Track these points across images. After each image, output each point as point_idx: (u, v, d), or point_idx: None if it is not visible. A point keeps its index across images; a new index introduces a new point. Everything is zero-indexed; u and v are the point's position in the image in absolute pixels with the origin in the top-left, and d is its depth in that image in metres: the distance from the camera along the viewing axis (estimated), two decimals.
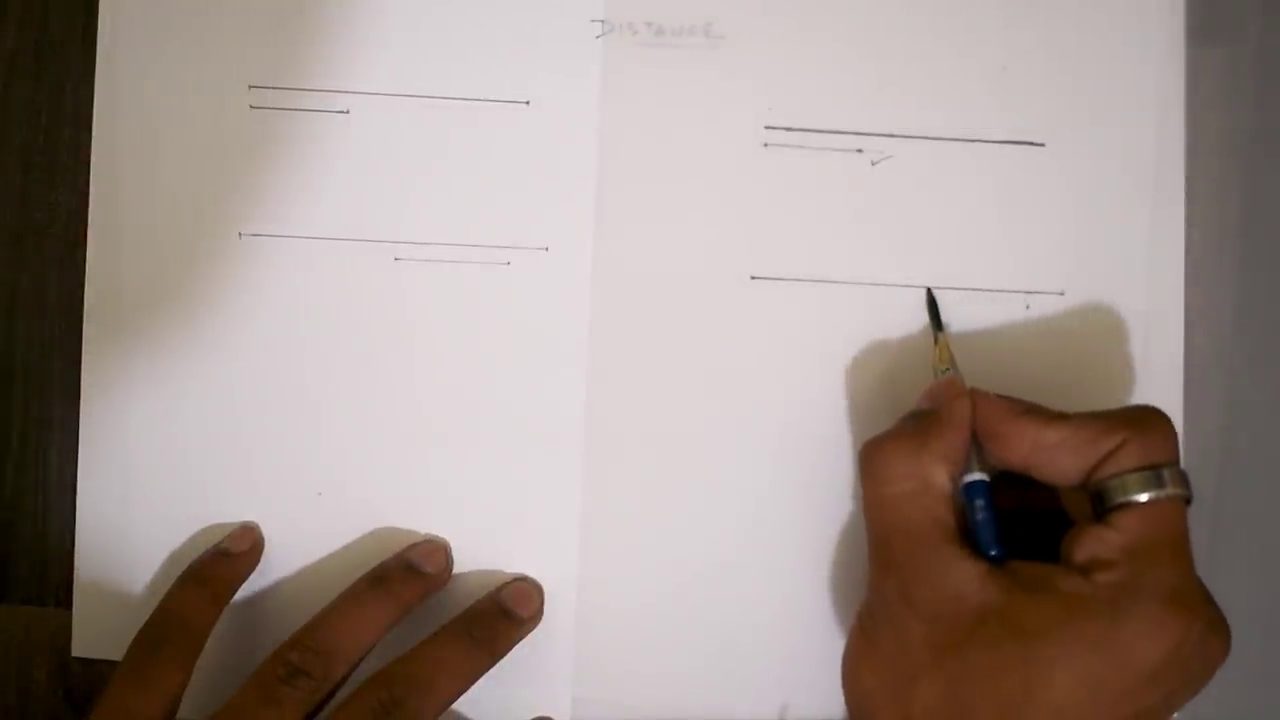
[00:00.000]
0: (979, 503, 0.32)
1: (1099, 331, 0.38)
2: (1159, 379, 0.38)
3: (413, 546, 0.36)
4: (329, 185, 0.37)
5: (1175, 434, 0.32)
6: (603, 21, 0.37)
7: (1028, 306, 0.38)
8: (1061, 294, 0.38)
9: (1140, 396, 0.37)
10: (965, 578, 0.31)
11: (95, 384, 0.37)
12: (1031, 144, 0.38)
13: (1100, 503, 0.31)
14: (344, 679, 0.34)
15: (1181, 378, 0.38)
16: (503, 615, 0.36)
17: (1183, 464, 0.32)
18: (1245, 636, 0.31)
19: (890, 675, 0.31)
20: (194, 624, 0.34)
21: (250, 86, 0.37)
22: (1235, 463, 0.38)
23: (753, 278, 0.37)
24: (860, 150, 0.38)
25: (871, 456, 0.33)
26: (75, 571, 0.37)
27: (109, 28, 0.37)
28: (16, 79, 0.38)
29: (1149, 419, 0.32)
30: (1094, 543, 0.31)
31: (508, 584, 0.37)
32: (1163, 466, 0.31)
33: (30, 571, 0.38)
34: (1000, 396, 0.33)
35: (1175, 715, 0.31)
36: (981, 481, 0.32)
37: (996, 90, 0.38)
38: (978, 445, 0.33)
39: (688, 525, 0.37)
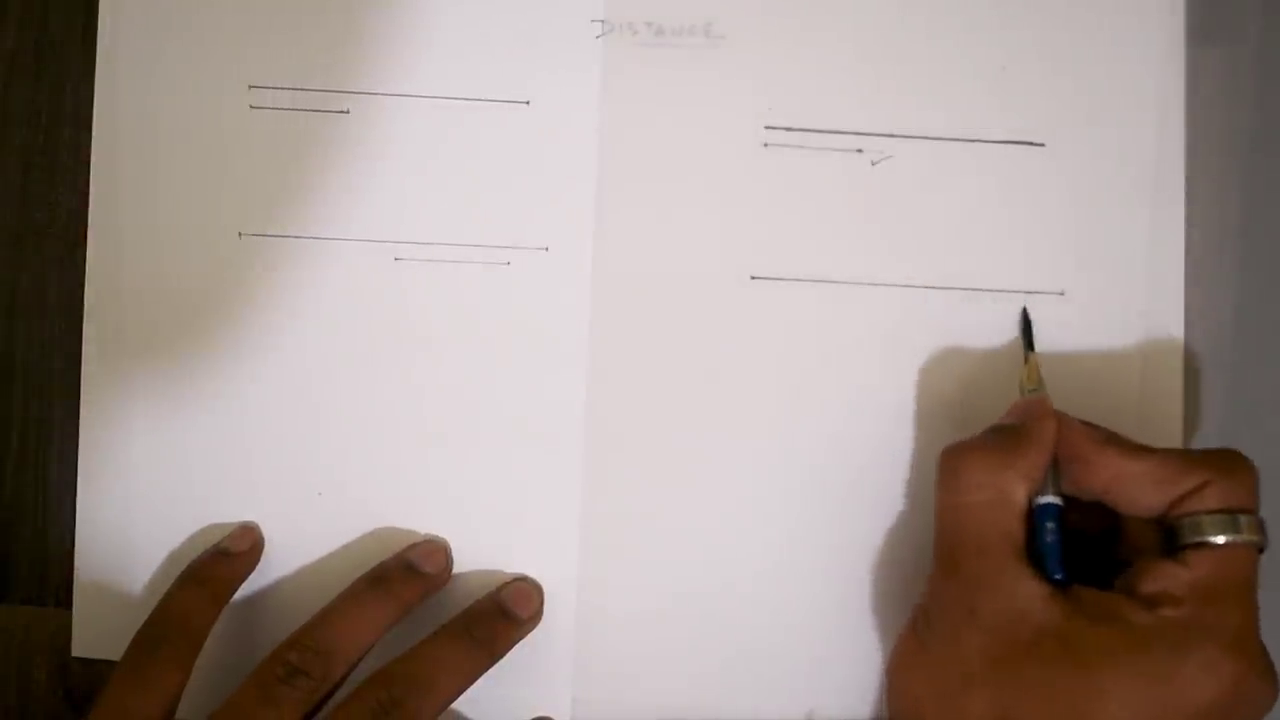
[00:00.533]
0: (1050, 525, 0.32)
1: (1099, 331, 0.37)
2: (1159, 379, 0.38)
3: (412, 546, 0.36)
4: (329, 185, 0.37)
5: (1257, 481, 0.32)
6: (603, 21, 0.37)
7: (1028, 307, 0.37)
8: (1061, 294, 0.38)
9: (1140, 397, 0.37)
10: (1030, 596, 0.31)
11: (95, 384, 0.37)
12: (1031, 144, 0.38)
13: (1173, 538, 0.31)
14: (343, 679, 0.34)
15: (1181, 378, 0.38)
16: (502, 615, 0.36)
17: (1259, 510, 0.32)
18: None
19: (942, 682, 0.31)
20: (193, 624, 0.34)
21: (250, 86, 0.37)
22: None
23: (753, 278, 0.37)
24: (860, 150, 0.38)
25: (954, 463, 0.33)
26: (75, 571, 0.37)
27: (109, 28, 0.37)
28: (16, 79, 0.38)
29: (1233, 463, 0.32)
30: (1163, 577, 0.31)
31: (507, 584, 0.37)
32: (1241, 511, 0.31)
33: (30, 571, 0.38)
34: (1085, 423, 0.33)
35: None
36: (1056, 505, 0.32)
37: (996, 90, 0.38)
38: (1055, 469, 0.33)
39: (687, 525, 0.37)
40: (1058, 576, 0.32)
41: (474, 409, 0.37)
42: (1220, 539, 0.31)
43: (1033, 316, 0.37)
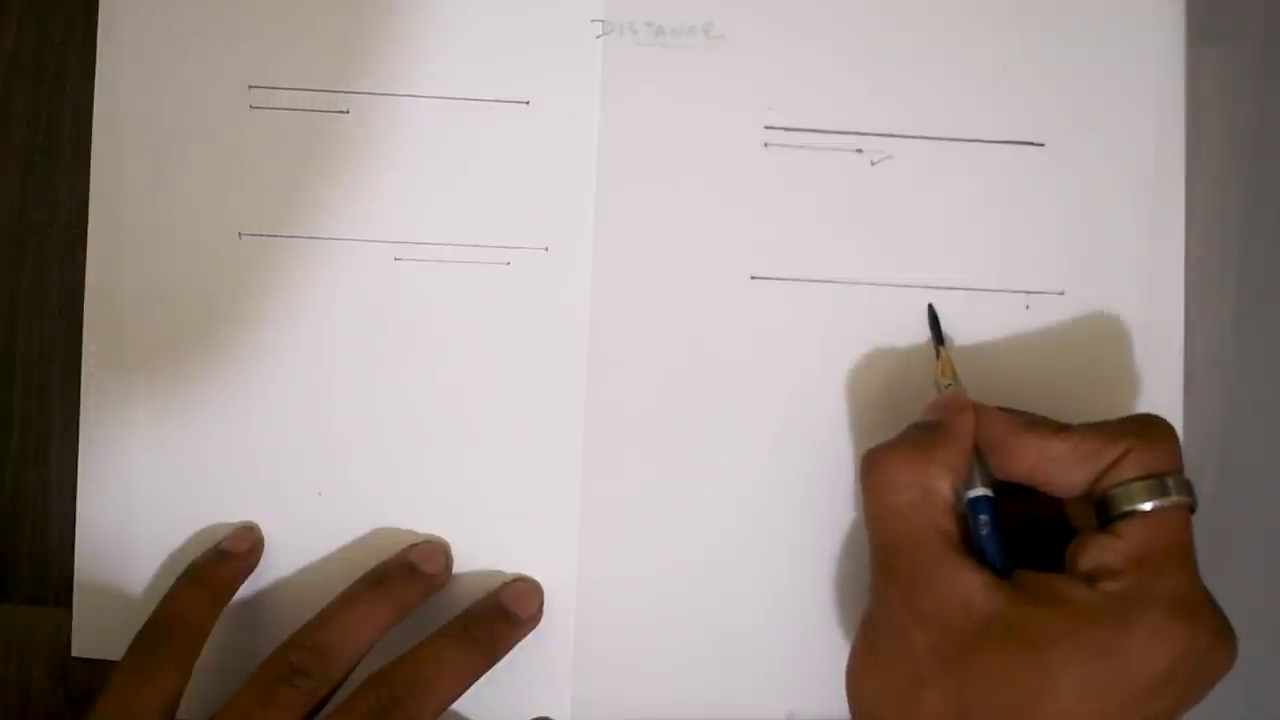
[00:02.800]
0: (983, 518, 0.32)
1: (1099, 332, 0.38)
2: (1159, 379, 0.38)
3: (412, 547, 0.36)
4: (329, 185, 0.37)
5: (1178, 442, 0.32)
6: (603, 21, 0.37)
7: (1028, 307, 0.38)
8: (1061, 294, 0.38)
9: (1140, 397, 0.37)
10: (970, 587, 0.31)
11: (95, 384, 0.37)
12: (1031, 144, 0.38)
13: (1105, 512, 0.31)
14: (343, 679, 0.34)
15: (1181, 378, 0.38)
16: (501, 616, 0.36)
17: (1183, 470, 0.32)
18: (1246, 638, 0.31)
19: (895, 684, 0.31)
20: (193, 624, 0.34)
21: (250, 86, 0.37)
22: (1235, 463, 0.38)
23: (753, 278, 0.37)
24: (860, 150, 0.38)
25: (874, 466, 0.33)
26: (75, 571, 0.37)
27: (109, 28, 0.37)
28: (16, 79, 0.38)
29: (1152, 428, 0.32)
30: (1099, 551, 0.31)
31: (507, 584, 0.37)
32: (1167, 475, 0.31)
33: (30, 571, 0.38)
34: (1003, 410, 0.33)
35: None
36: (986, 497, 0.32)
37: (996, 90, 0.38)
38: (981, 459, 0.33)
39: (687, 525, 0.37)
40: (998, 567, 0.31)
41: (474, 409, 0.37)
42: (1148, 505, 0.31)
43: (1033, 316, 0.37)
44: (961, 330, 0.37)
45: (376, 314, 0.37)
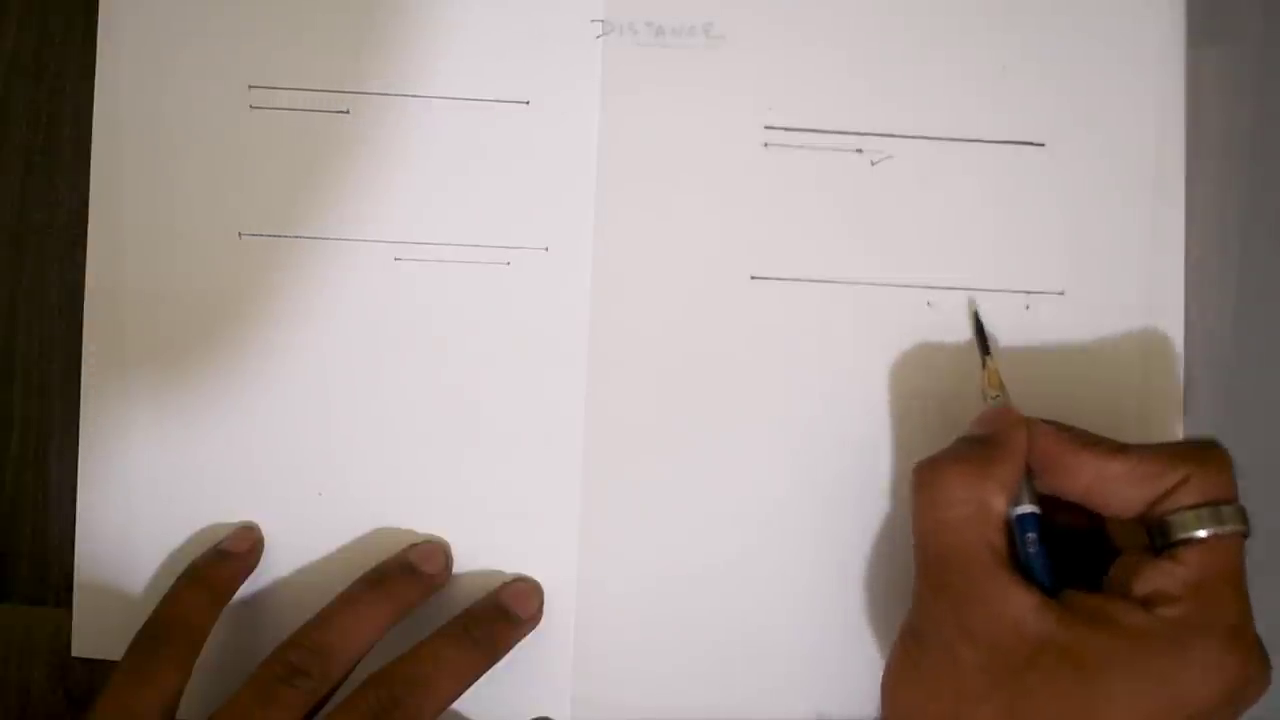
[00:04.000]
0: (1031, 536, 0.32)
1: (1099, 331, 0.38)
2: (1159, 379, 0.38)
3: (412, 547, 0.36)
4: (329, 185, 0.37)
5: (1233, 469, 0.32)
6: (603, 21, 0.37)
7: (1028, 307, 0.37)
8: (1061, 294, 0.38)
9: (1140, 396, 0.37)
10: (1022, 607, 0.30)
11: (95, 384, 0.37)
12: (1031, 144, 0.38)
13: (1160, 536, 0.31)
14: (342, 679, 0.34)
15: (1181, 378, 0.38)
16: (501, 616, 0.36)
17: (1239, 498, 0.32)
18: None
19: (939, 700, 0.31)
20: (193, 624, 0.34)
21: (250, 86, 0.37)
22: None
23: (753, 278, 0.37)
24: (860, 150, 0.38)
25: (930, 479, 0.32)
26: (75, 571, 0.37)
27: (109, 28, 0.37)
28: (16, 79, 0.38)
29: (1210, 454, 0.32)
30: (1156, 576, 0.30)
31: (507, 584, 0.37)
32: (1224, 503, 0.31)
33: (30, 571, 0.38)
34: (1058, 426, 0.33)
35: None
36: (1034, 514, 0.32)
37: (996, 91, 0.38)
38: (1029, 476, 0.32)
39: (687, 525, 0.37)
40: (1046, 585, 0.31)
41: (474, 409, 0.37)
42: (1205, 533, 0.31)
43: (1033, 316, 0.37)
44: (961, 330, 0.37)
45: (376, 314, 0.37)
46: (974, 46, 0.38)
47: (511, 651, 0.36)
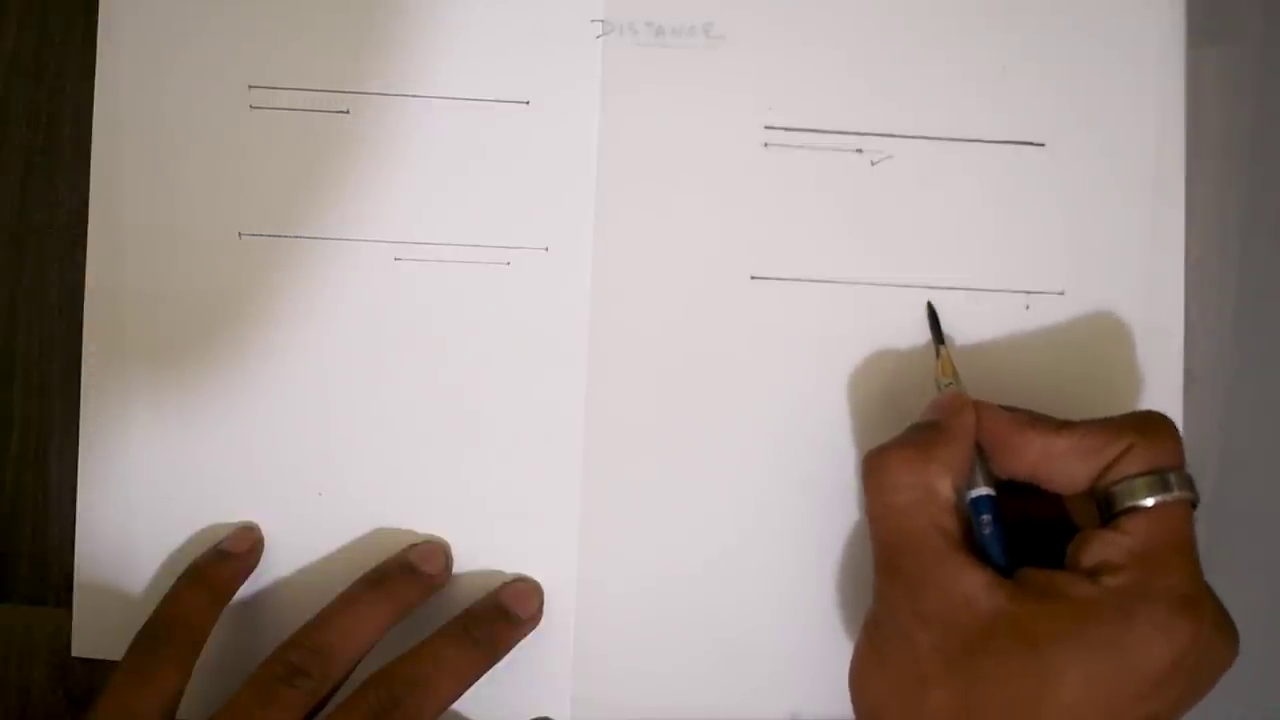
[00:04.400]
0: (985, 517, 0.32)
1: (1099, 331, 0.38)
2: (1159, 379, 0.38)
3: (412, 547, 0.36)
4: (329, 185, 0.37)
5: (1179, 438, 0.32)
6: (603, 21, 0.37)
7: (1028, 306, 0.38)
8: (1061, 294, 0.38)
9: (1140, 396, 0.37)
10: (973, 586, 0.31)
11: (95, 384, 0.37)
12: (1031, 144, 0.38)
13: (1107, 508, 0.31)
14: (343, 679, 0.34)
15: (1181, 378, 0.38)
16: (501, 616, 0.36)
17: (1185, 466, 0.32)
18: (1246, 636, 0.31)
19: (899, 685, 0.31)
20: (194, 624, 0.34)
21: (250, 86, 0.37)
22: (1235, 463, 0.38)
23: (753, 278, 0.37)
24: (860, 150, 0.38)
25: (875, 466, 0.33)
26: (75, 571, 0.37)
27: (109, 28, 0.37)
28: (16, 79, 0.38)
29: (1153, 423, 0.32)
30: (1101, 547, 0.31)
31: (507, 584, 0.37)
32: (1168, 470, 0.31)
33: (30, 571, 0.38)
34: (1004, 408, 0.33)
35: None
36: (988, 496, 0.32)
37: (996, 90, 0.38)
38: (982, 458, 0.33)
39: (687, 525, 0.37)
40: (1002, 565, 0.31)
41: (474, 409, 0.37)
42: (1150, 500, 0.31)
43: (1033, 316, 0.37)
44: (961, 330, 0.37)
45: (376, 314, 0.37)
46: (974, 46, 0.38)
47: (511, 651, 0.36)
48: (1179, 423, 0.37)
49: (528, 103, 0.37)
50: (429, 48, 0.37)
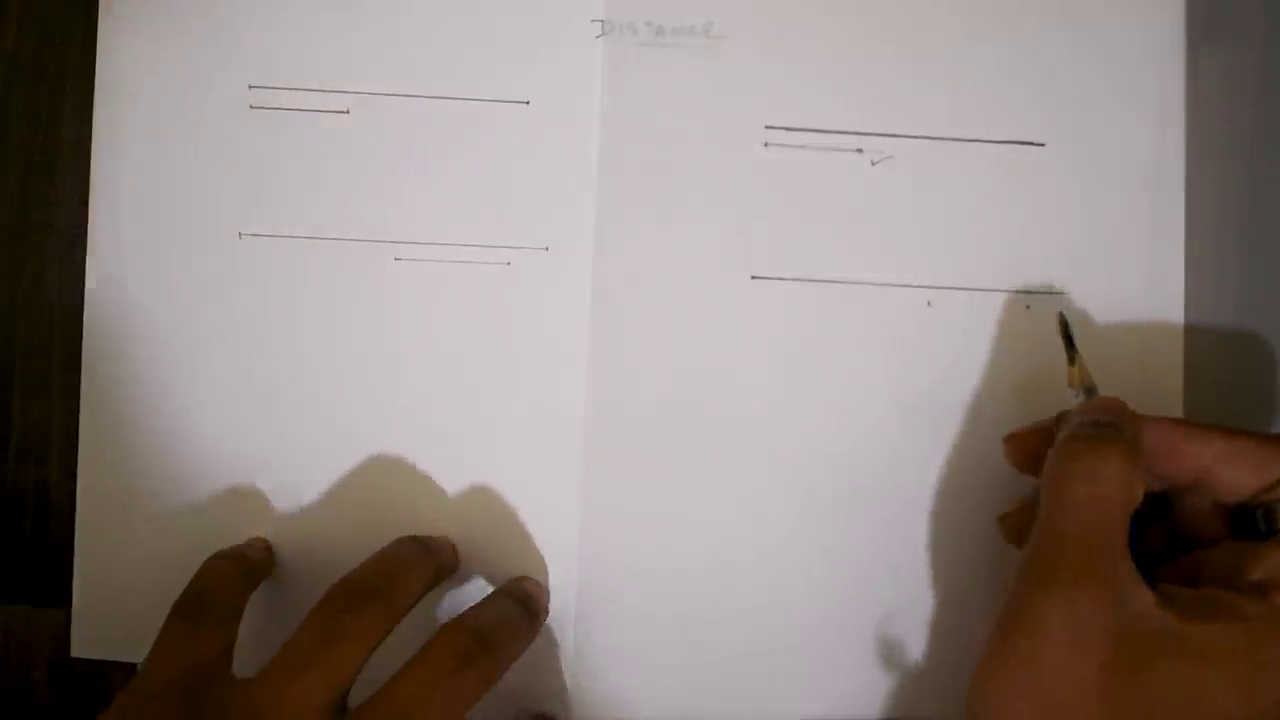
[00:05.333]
0: (1132, 527, 0.31)
1: (1099, 331, 0.38)
2: (1159, 378, 0.38)
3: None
4: (329, 185, 0.37)
5: None
6: (603, 21, 0.37)
7: (1028, 306, 0.38)
8: (1061, 294, 0.38)
9: (1141, 397, 0.37)
10: (1147, 599, 0.29)
11: (95, 384, 0.37)
12: (1031, 144, 0.38)
13: (1267, 522, 0.31)
14: (401, 617, 0.33)
15: (1181, 377, 0.38)
16: (535, 589, 0.36)
17: None
18: None
19: (1048, 694, 0.29)
20: (231, 589, 0.34)
21: (250, 86, 0.37)
22: None
23: (753, 278, 0.37)
24: (860, 150, 0.38)
25: (1090, 449, 0.31)
26: (75, 571, 0.37)
27: (109, 28, 0.37)
28: (16, 79, 0.38)
29: None
30: (1271, 563, 0.30)
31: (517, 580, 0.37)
32: None
33: (30, 571, 0.38)
34: (1165, 417, 0.33)
35: None
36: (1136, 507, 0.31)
37: (996, 90, 0.38)
38: None
39: (687, 525, 0.37)
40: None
41: (474, 409, 0.37)
42: None
43: (1033, 316, 0.37)
44: (961, 330, 0.37)
45: (376, 314, 0.37)
46: (974, 46, 0.38)
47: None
48: None
49: (528, 103, 0.37)
50: (429, 48, 0.37)
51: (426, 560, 0.34)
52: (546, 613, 0.37)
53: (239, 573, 0.35)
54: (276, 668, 0.31)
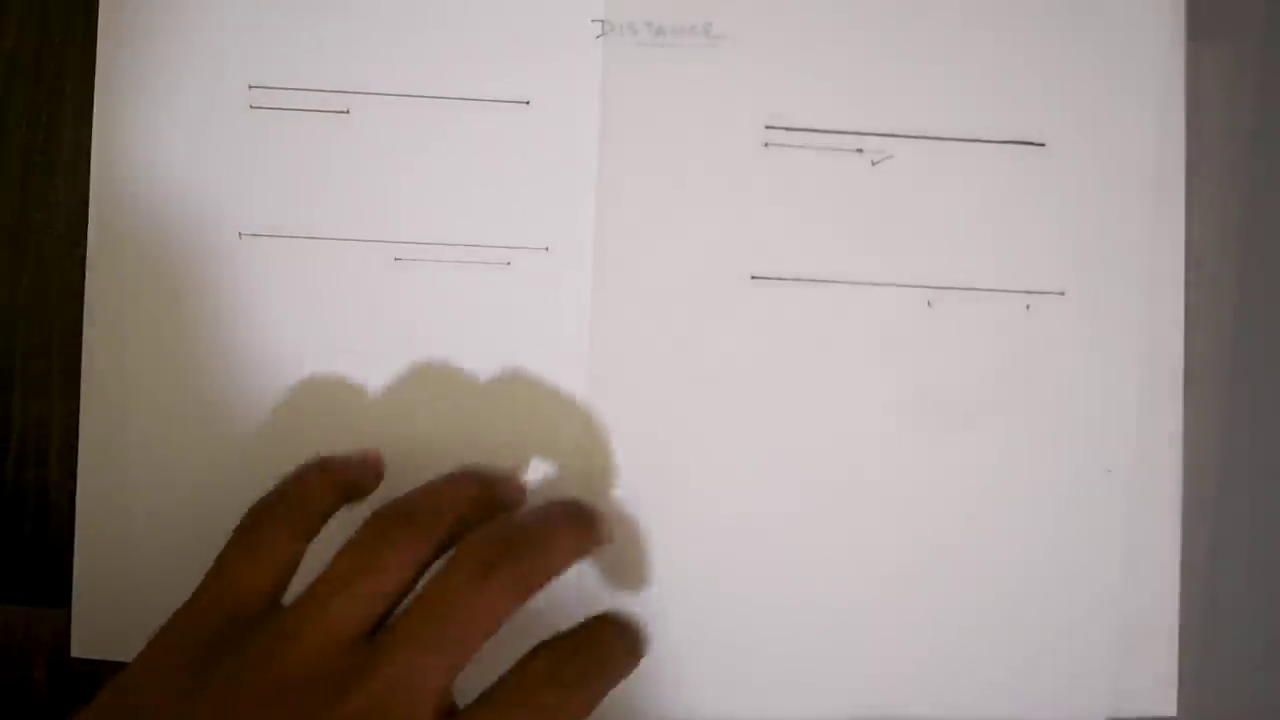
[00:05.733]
0: None
1: (1099, 331, 0.38)
2: (1159, 379, 0.38)
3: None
4: (329, 185, 0.37)
5: None
6: (603, 21, 0.37)
7: (1028, 306, 0.38)
8: (1061, 294, 0.38)
9: (1141, 397, 0.37)
10: None
11: (95, 384, 0.37)
12: (1031, 144, 0.38)
13: None
14: (446, 546, 0.31)
15: (1181, 378, 0.38)
16: (586, 514, 0.33)
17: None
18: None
19: None
20: (314, 500, 0.33)
21: (250, 86, 0.37)
22: (1235, 463, 0.38)
23: (753, 278, 0.37)
24: (860, 150, 0.38)
25: None
26: (75, 571, 0.37)
27: (109, 28, 0.37)
28: (16, 79, 0.38)
29: None
30: None
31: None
32: None
33: (30, 571, 0.38)
34: None
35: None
36: None
37: (996, 90, 0.38)
38: None
39: (686, 525, 0.37)
40: None
41: (474, 409, 0.37)
42: None
43: (1033, 316, 0.37)
44: (961, 330, 0.37)
45: (376, 314, 0.37)
46: (974, 46, 0.38)
47: (511, 648, 0.35)
48: (1179, 423, 0.37)
49: (528, 103, 0.37)
50: (429, 48, 0.37)
51: (476, 488, 0.33)
52: (601, 527, 0.33)
53: (328, 486, 0.33)
54: (312, 597, 0.30)
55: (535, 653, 0.30)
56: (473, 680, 0.30)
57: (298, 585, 0.32)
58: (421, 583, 0.30)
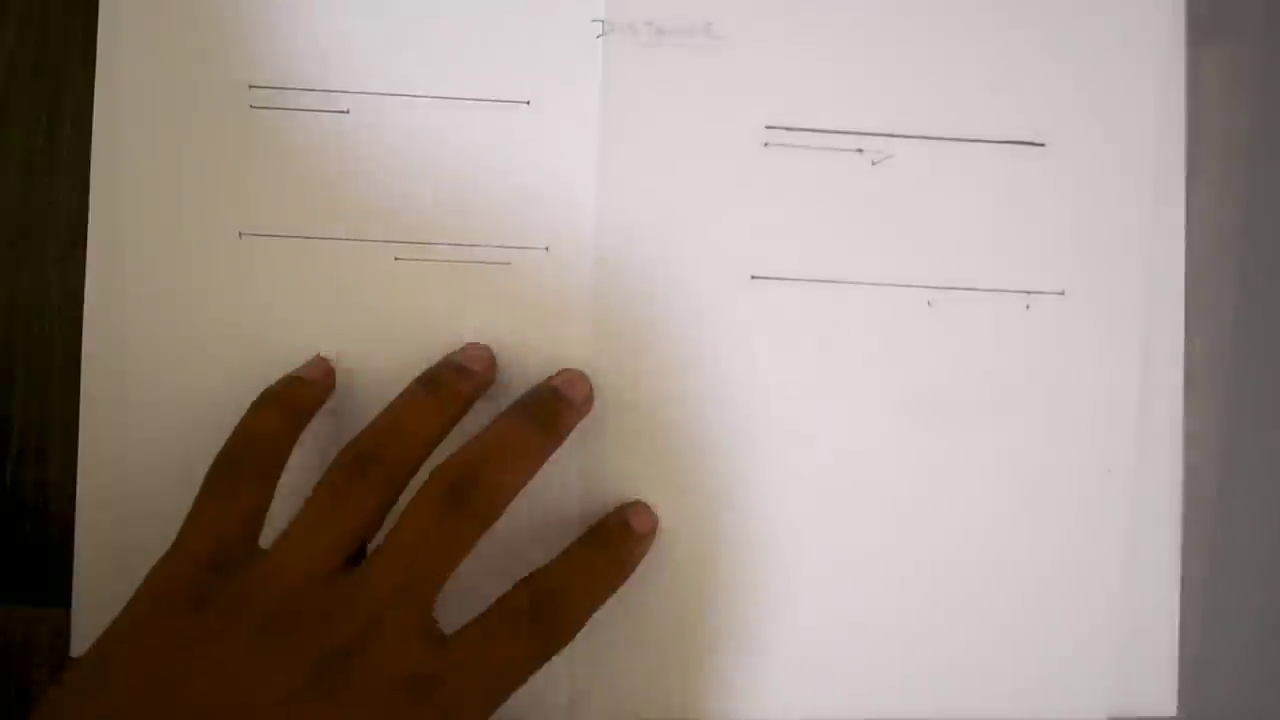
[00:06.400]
0: None
1: (1099, 331, 0.38)
2: (1159, 379, 0.38)
3: (457, 351, 0.36)
4: (329, 185, 0.37)
5: None
6: (603, 21, 0.37)
7: (1028, 306, 0.38)
8: (1061, 294, 0.38)
9: (1140, 396, 0.37)
10: None
11: (95, 384, 0.37)
12: (1031, 144, 0.38)
13: None
14: (413, 474, 0.33)
15: (1181, 378, 0.38)
16: (557, 398, 0.35)
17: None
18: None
19: None
20: (272, 440, 0.34)
21: (250, 86, 0.37)
22: (1235, 463, 0.38)
23: (753, 278, 0.37)
24: (860, 150, 0.38)
25: None
26: (75, 571, 0.37)
27: (109, 28, 0.37)
28: (16, 79, 0.38)
29: None
30: None
31: (557, 374, 0.36)
32: None
33: (30, 571, 0.38)
34: None
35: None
36: None
37: (996, 90, 0.38)
38: None
39: (685, 525, 0.37)
40: None
41: (473, 409, 0.37)
42: None
43: (1033, 316, 0.37)
44: (961, 330, 0.37)
45: (376, 313, 0.37)
46: (974, 46, 0.38)
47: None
48: (1179, 423, 0.37)
49: (528, 103, 0.37)
50: (429, 48, 0.37)
51: (438, 402, 0.34)
52: (591, 400, 0.36)
53: (282, 422, 0.34)
54: (287, 539, 0.32)
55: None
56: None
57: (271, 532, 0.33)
58: (393, 516, 0.32)
